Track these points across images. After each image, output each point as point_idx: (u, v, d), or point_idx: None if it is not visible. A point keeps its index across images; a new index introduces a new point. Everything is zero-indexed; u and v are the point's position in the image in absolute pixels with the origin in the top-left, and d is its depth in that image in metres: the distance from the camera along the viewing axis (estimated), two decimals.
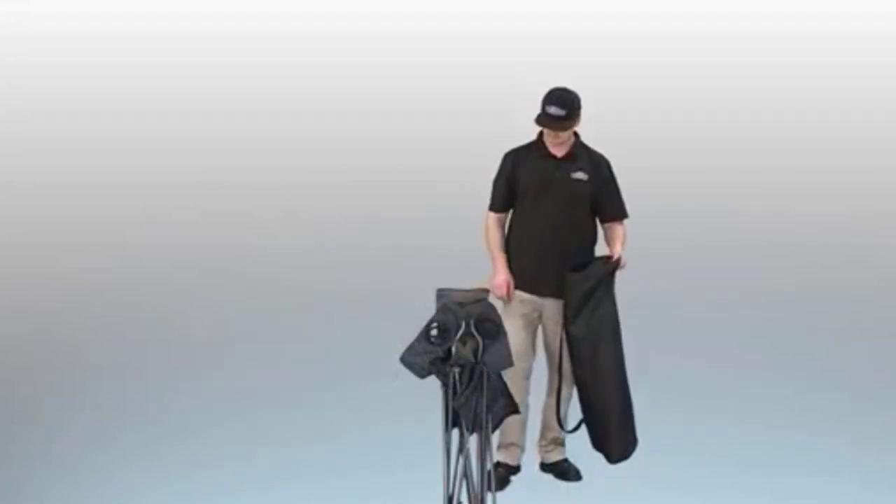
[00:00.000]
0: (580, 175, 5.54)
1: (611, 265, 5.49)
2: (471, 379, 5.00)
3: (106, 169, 9.88)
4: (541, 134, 5.56)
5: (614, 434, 5.52)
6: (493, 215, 5.65)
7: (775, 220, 9.04)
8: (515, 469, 5.65)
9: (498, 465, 5.56)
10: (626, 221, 5.63)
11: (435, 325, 5.08)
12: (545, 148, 5.56)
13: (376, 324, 7.38)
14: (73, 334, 7.42)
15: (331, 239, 8.77)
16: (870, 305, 7.76)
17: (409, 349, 5.12)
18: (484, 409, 5.04)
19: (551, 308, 5.56)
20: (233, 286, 8.12)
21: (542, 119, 5.50)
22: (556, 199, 5.52)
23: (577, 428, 5.60)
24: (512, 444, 5.63)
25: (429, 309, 5.24)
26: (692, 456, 5.76)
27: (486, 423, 5.05)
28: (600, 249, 5.60)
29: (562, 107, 5.48)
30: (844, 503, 5.38)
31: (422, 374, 5.12)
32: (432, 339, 5.09)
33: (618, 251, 5.55)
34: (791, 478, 5.54)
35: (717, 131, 10.29)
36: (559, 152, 5.56)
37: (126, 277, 8.30)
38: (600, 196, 5.59)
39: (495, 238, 5.63)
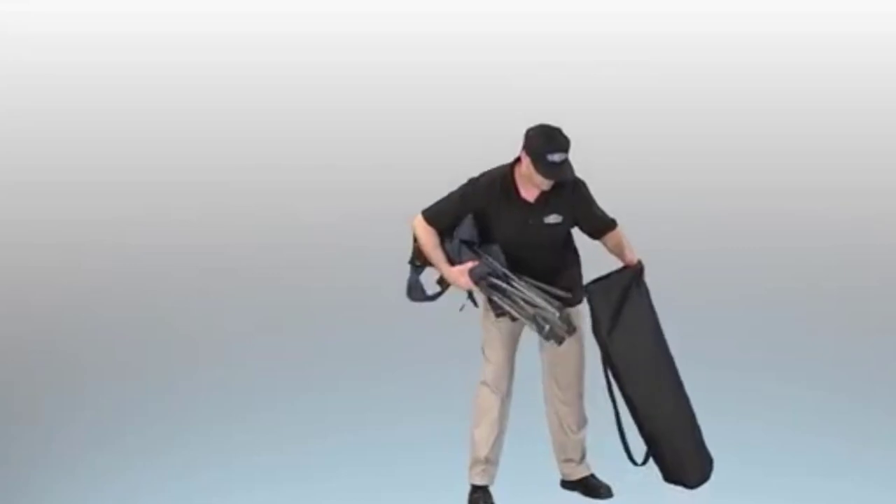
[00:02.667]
0: (553, 219, 5.11)
1: (633, 271, 5.19)
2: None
3: (106, 169, 9.88)
4: (512, 171, 5.09)
5: (687, 455, 5.18)
6: (427, 227, 5.16)
7: (775, 220, 9.04)
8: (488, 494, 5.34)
9: (475, 489, 5.33)
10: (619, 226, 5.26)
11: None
12: (516, 191, 5.10)
13: (376, 324, 7.38)
14: (73, 334, 7.42)
15: (331, 239, 8.77)
16: (870, 305, 7.76)
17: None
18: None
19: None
20: (233, 286, 8.12)
21: (547, 170, 4.95)
22: (532, 245, 5.13)
23: (645, 461, 5.25)
24: (487, 459, 5.30)
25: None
26: None
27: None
28: (597, 263, 5.33)
29: (564, 150, 4.97)
30: (844, 503, 5.37)
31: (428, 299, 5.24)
32: (417, 265, 5.21)
33: (632, 257, 5.22)
34: (791, 478, 5.54)
35: (717, 131, 10.29)
36: (531, 196, 5.09)
37: (126, 277, 8.30)
38: (581, 223, 5.21)
39: (432, 240, 5.14)
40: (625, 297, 5.16)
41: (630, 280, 5.19)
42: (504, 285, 5.12)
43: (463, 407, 5.35)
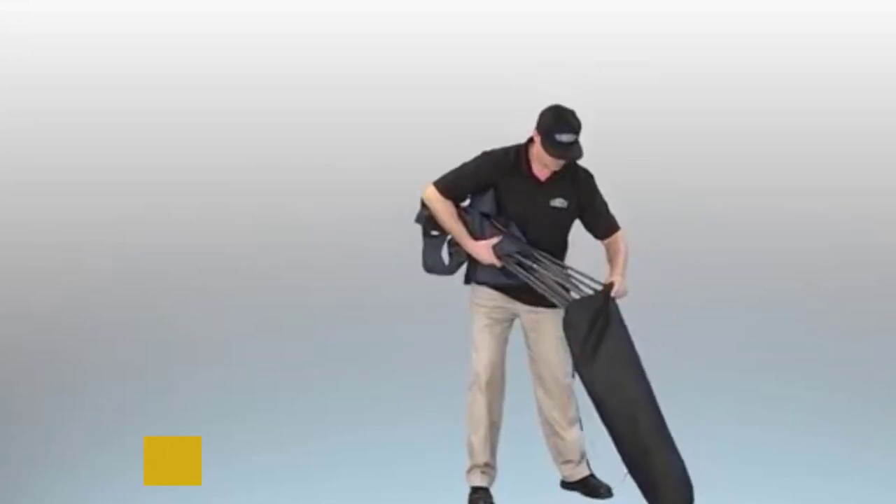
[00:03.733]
0: (559, 202, 5.15)
1: (603, 295, 5.11)
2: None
3: (106, 169, 9.88)
4: (526, 148, 5.16)
5: (663, 481, 5.07)
6: (442, 198, 5.19)
7: (775, 220, 9.05)
8: (488, 494, 5.36)
9: (476, 490, 5.35)
10: (623, 231, 5.25)
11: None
12: (529, 168, 5.16)
13: (376, 324, 7.39)
14: (73, 334, 7.42)
15: (331, 239, 8.77)
16: (868, 305, 7.76)
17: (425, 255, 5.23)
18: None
19: (531, 317, 5.28)
20: (233, 286, 8.13)
21: (555, 149, 5.01)
22: (535, 225, 5.17)
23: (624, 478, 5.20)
24: (487, 464, 5.34)
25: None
26: (692, 456, 5.75)
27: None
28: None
29: (573, 131, 5.04)
30: (844, 503, 5.38)
31: (447, 271, 5.23)
32: (433, 235, 5.20)
33: (617, 280, 5.14)
34: (790, 478, 5.54)
35: (717, 131, 10.29)
36: (543, 175, 5.15)
37: (126, 277, 8.30)
38: (585, 217, 5.22)
39: (450, 212, 5.17)
40: (594, 322, 5.08)
41: (598, 308, 5.10)
42: (531, 264, 5.12)
43: (462, 407, 5.36)
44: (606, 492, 5.42)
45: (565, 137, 5.02)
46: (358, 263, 8.31)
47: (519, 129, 5.20)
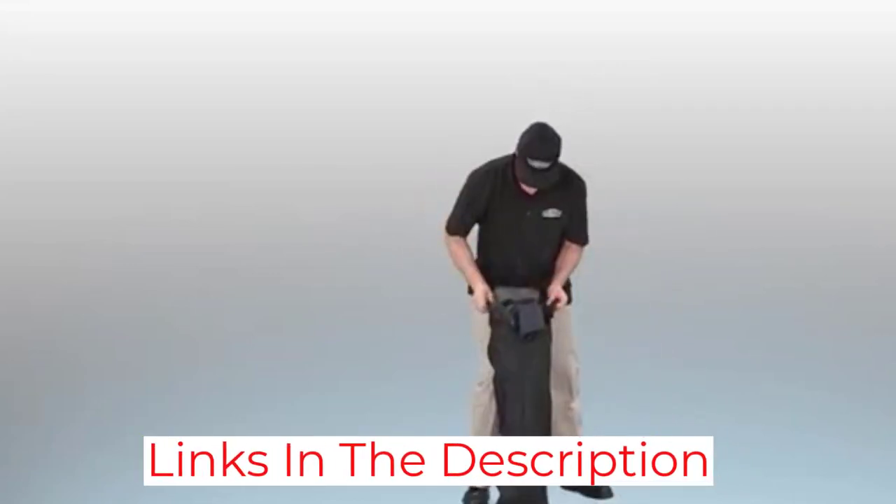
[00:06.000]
0: (551, 213, 5.08)
1: (542, 305, 5.08)
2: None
3: (106, 169, 9.89)
4: (513, 161, 5.03)
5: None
6: (457, 240, 5.16)
7: (775, 220, 9.05)
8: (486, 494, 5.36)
9: (473, 490, 5.35)
10: (584, 248, 5.21)
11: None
12: (516, 181, 5.01)
13: (376, 324, 7.38)
14: (73, 334, 7.42)
15: (331, 239, 8.78)
16: (869, 305, 7.76)
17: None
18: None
19: None
20: (233, 286, 8.12)
21: (525, 174, 4.92)
22: (526, 236, 5.10)
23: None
24: None
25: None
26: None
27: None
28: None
29: (547, 159, 4.90)
30: (844, 503, 5.38)
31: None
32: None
33: (555, 289, 5.11)
34: (791, 478, 5.55)
35: (717, 131, 10.30)
36: (531, 189, 5.02)
37: (126, 277, 8.30)
38: (567, 223, 5.16)
39: (463, 254, 5.14)
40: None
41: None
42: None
43: (463, 407, 5.36)
44: (607, 492, 5.42)
45: (537, 164, 4.91)
46: (358, 263, 8.31)
47: (519, 129, 5.19)
